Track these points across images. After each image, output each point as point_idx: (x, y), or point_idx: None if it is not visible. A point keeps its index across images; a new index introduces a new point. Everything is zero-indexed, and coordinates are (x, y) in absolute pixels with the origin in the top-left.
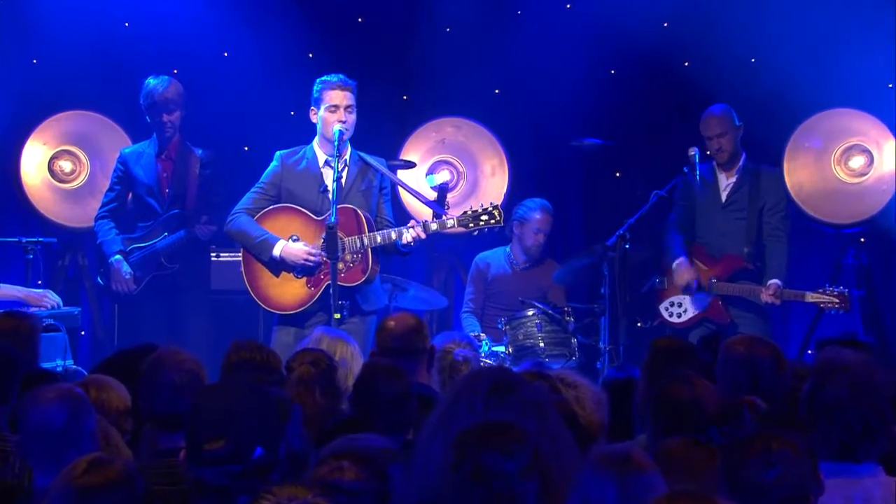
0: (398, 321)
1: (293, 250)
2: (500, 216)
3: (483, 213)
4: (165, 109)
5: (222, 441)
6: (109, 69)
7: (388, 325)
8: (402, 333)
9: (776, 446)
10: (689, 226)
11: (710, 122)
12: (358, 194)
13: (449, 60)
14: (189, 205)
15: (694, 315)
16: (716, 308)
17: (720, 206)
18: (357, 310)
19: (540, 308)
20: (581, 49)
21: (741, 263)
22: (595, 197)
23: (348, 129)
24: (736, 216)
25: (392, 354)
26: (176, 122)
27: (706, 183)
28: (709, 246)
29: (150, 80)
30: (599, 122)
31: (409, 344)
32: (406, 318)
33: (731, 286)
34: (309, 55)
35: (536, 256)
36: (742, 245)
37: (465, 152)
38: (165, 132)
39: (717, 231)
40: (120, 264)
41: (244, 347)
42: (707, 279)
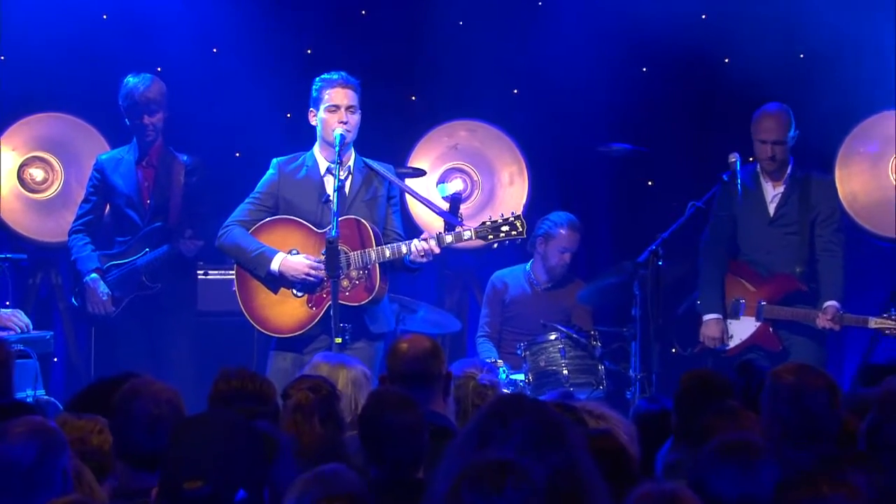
0: (411, 343)
1: (294, 264)
2: (523, 227)
3: (504, 223)
4: (146, 110)
5: (201, 481)
6: (86, 67)
7: (401, 347)
8: (415, 357)
9: (828, 490)
10: (729, 241)
11: (765, 124)
12: (362, 204)
13: (462, 57)
14: (173, 217)
15: (741, 342)
16: (765, 334)
17: (767, 219)
18: (364, 332)
19: (563, 332)
20: (609, 44)
21: (795, 284)
22: (625, 208)
23: (351, 132)
24: (786, 231)
25: (404, 381)
26: (158, 124)
27: (748, 192)
28: (755, 264)
29: (130, 79)
30: (630, 125)
31: (424, 369)
32: (420, 341)
33: (784, 310)
34: (307, 52)
35: (560, 277)
36: (794, 263)
37: (480, 159)
38: (147, 136)
39: (765, 248)
40: (96, 283)
41: (234, 375)
42: (755, 302)
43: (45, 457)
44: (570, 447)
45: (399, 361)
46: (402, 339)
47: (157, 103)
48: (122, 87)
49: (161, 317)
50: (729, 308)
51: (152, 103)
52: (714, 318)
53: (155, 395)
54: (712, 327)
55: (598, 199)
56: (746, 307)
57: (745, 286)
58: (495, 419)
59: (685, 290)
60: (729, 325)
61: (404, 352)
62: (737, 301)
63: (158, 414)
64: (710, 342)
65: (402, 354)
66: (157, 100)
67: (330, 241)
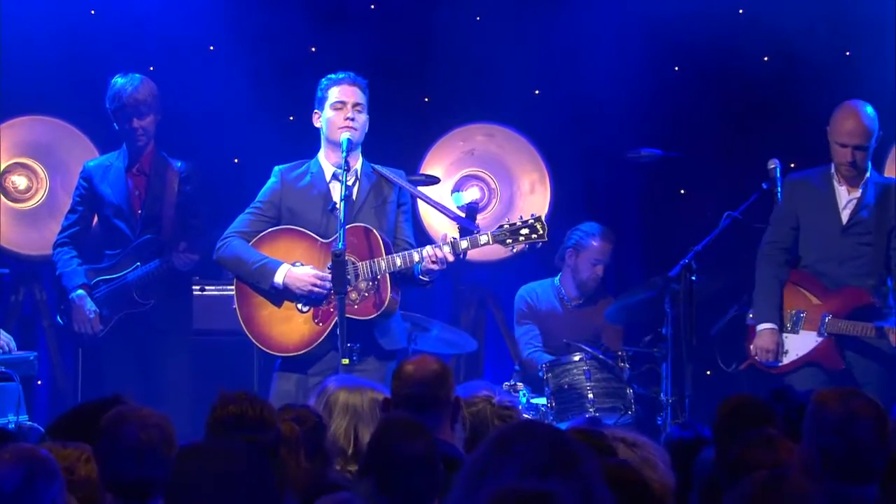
0: (418, 365)
1: (299, 275)
2: (543, 230)
3: (523, 226)
4: (135, 113)
5: None
6: (72, 66)
7: (406, 369)
8: (422, 380)
9: None
10: (791, 248)
11: (848, 125)
12: (371, 211)
13: (479, 55)
14: (166, 229)
15: (797, 357)
16: (827, 350)
17: (840, 227)
18: (374, 349)
19: (588, 352)
20: (639, 41)
21: (866, 299)
22: (655, 219)
23: (357, 131)
24: (860, 241)
25: (410, 405)
26: (149, 128)
27: (818, 196)
28: (822, 275)
29: (118, 79)
30: (661, 128)
31: (431, 393)
32: (428, 362)
33: (850, 324)
34: (311, 49)
35: (592, 292)
36: (866, 276)
37: (498, 165)
38: (137, 141)
39: (836, 258)
40: (82, 300)
41: (233, 400)
42: (818, 315)
43: (32, 484)
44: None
45: (404, 384)
46: (408, 361)
47: (147, 105)
48: (110, 89)
49: (153, 336)
50: (787, 320)
51: (142, 105)
52: (769, 328)
53: (143, 420)
54: (766, 338)
55: (627, 209)
56: (806, 320)
57: (807, 297)
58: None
59: (720, 308)
60: (784, 339)
61: (410, 374)
62: (796, 313)
63: (147, 441)
64: (762, 354)
65: (407, 377)
66: (147, 101)
67: (336, 254)
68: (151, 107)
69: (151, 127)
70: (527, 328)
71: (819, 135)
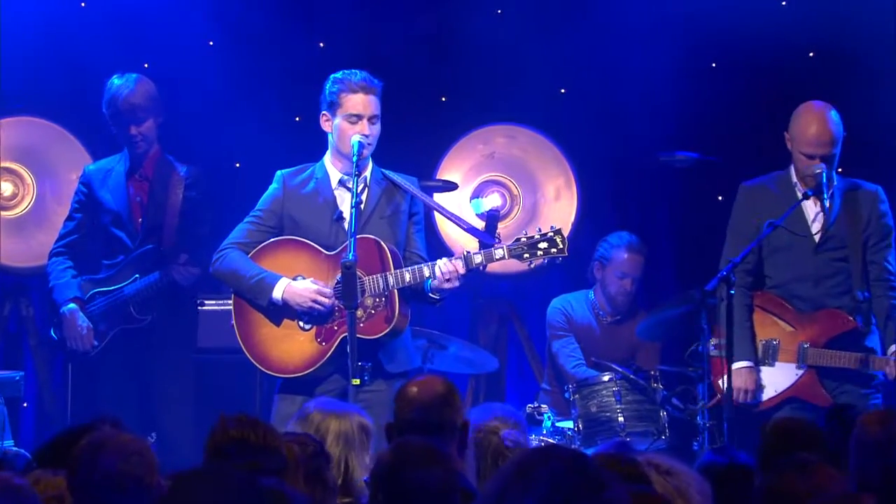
0: (422, 387)
1: (299, 290)
2: (563, 244)
3: (542, 239)
4: (132, 119)
5: None
6: (61, 63)
7: (409, 391)
8: (426, 404)
9: None
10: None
11: (813, 132)
12: (381, 222)
13: (500, 51)
14: (167, 238)
15: (777, 393)
16: (810, 384)
17: (811, 243)
18: (380, 371)
19: (619, 371)
20: (673, 35)
21: (846, 323)
22: (691, 227)
23: (372, 145)
24: (834, 256)
25: (413, 430)
26: (148, 133)
27: (781, 206)
28: (795, 298)
29: (115, 80)
30: (697, 130)
31: (435, 417)
32: (433, 384)
33: (832, 355)
34: (319, 45)
35: (625, 307)
36: (844, 295)
37: (521, 170)
38: (136, 147)
39: (810, 277)
40: (74, 315)
41: (234, 424)
42: (795, 344)
43: None
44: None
45: (407, 408)
46: (412, 382)
47: (144, 110)
48: (105, 92)
49: (152, 354)
50: (760, 352)
51: (139, 110)
52: (746, 366)
53: (122, 448)
54: (745, 378)
55: (660, 216)
56: (782, 350)
57: (778, 325)
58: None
59: None
60: (760, 374)
61: (413, 397)
62: (769, 343)
63: (126, 470)
64: (741, 395)
65: (410, 400)
66: (144, 105)
67: (347, 265)
68: (150, 110)
69: (151, 132)
70: (566, 340)
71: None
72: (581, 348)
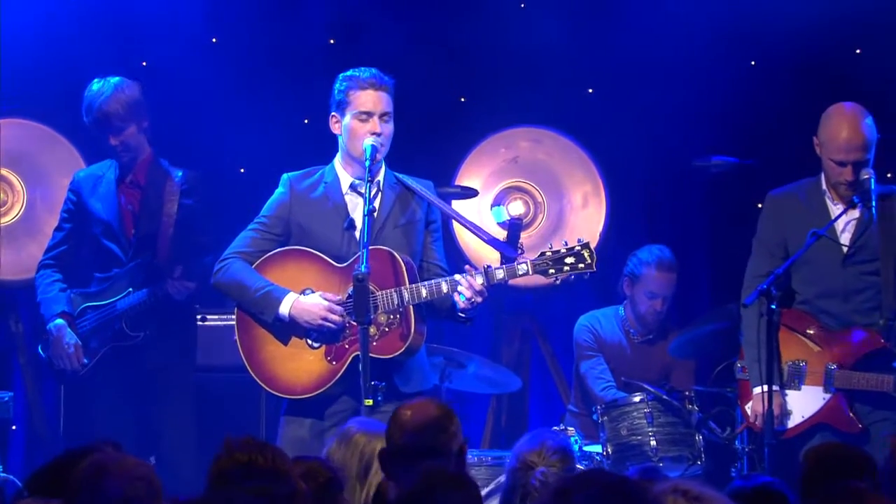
0: (416, 411)
1: (308, 306)
2: (592, 258)
3: (568, 254)
4: (109, 129)
5: None
6: (54, 62)
7: (403, 415)
8: (419, 428)
9: None
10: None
11: (844, 137)
12: (396, 231)
13: (523, 48)
14: (162, 250)
15: (804, 419)
16: (838, 410)
17: (840, 255)
18: (393, 393)
19: (651, 392)
20: (708, 31)
21: (877, 342)
22: (727, 237)
23: (385, 145)
24: (865, 270)
25: (406, 456)
26: (129, 141)
27: (810, 215)
28: (823, 314)
29: (92, 86)
30: (734, 133)
31: (427, 443)
32: (427, 407)
33: (862, 377)
34: (329, 42)
35: (656, 326)
36: (874, 312)
37: (545, 175)
38: (119, 157)
39: (839, 293)
40: (60, 331)
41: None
42: (821, 366)
43: None
44: None
45: (400, 433)
46: (405, 405)
47: (121, 118)
48: (84, 99)
49: (147, 373)
50: (785, 374)
51: (115, 119)
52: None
53: (126, 472)
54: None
55: (694, 226)
56: (809, 373)
57: (806, 344)
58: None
59: None
60: (786, 398)
61: (406, 421)
62: (796, 365)
63: (132, 496)
64: (762, 420)
65: (403, 424)
66: (120, 114)
67: (359, 278)
68: (128, 118)
69: (132, 139)
70: (595, 361)
71: None
72: (610, 368)
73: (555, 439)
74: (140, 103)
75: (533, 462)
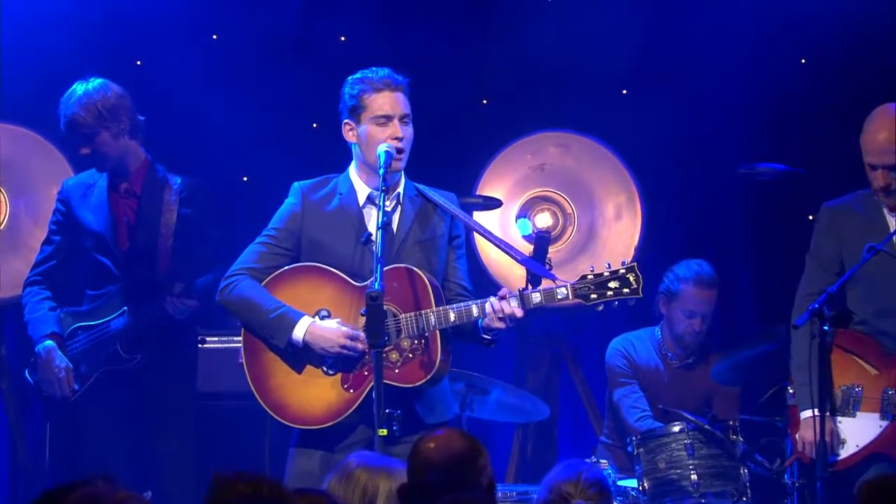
0: (440, 444)
1: (325, 332)
2: (638, 283)
3: (612, 277)
4: (78, 139)
5: None
6: (41, 61)
7: (425, 450)
8: (445, 464)
9: None
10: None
11: (886, 140)
12: (416, 247)
13: (551, 45)
14: (161, 264)
15: (859, 449)
16: (894, 437)
17: None
18: (416, 423)
19: (691, 421)
20: (754, 26)
21: None
22: (775, 252)
23: (405, 151)
24: None
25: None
26: (103, 149)
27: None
28: (882, 335)
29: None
30: (782, 137)
31: (454, 479)
32: (452, 440)
33: None
34: (340, 38)
35: (695, 348)
36: None
37: (575, 184)
38: (98, 167)
39: None
40: (50, 353)
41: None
42: (879, 391)
43: None
44: None
45: (423, 468)
46: (427, 438)
47: (89, 126)
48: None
49: (144, 400)
50: (839, 400)
51: (80, 126)
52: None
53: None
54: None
55: (739, 239)
56: (865, 399)
57: (862, 367)
58: None
59: None
60: (839, 425)
61: (429, 456)
62: (850, 389)
63: None
64: (811, 448)
65: (426, 460)
66: (88, 123)
67: (373, 296)
68: (97, 125)
69: (107, 148)
70: (629, 389)
71: None
72: (647, 396)
73: (591, 471)
74: (115, 108)
75: (569, 493)
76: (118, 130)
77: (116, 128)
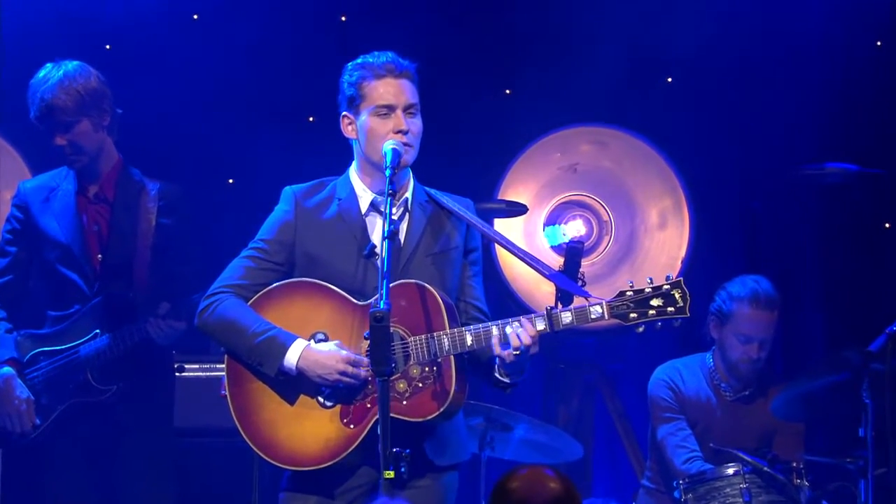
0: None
1: (320, 356)
2: (684, 301)
3: (655, 294)
4: (55, 127)
5: None
6: None
7: (513, 490)
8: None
9: None
10: None
11: None
12: (427, 261)
13: (583, 28)
14: (138, 280)
15: None
16: None
17: None
18: (425, 465)
19: (748, 463)
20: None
21: None
22: (846, 266)
23: (412, 146)
24: None
25: None
26: (80, 141)
27: None
28: None
29: (41, 71)
30: (854, 135)
31: None
32: (542, 480)
33: None
34: (341, 18)
35: (752, 378)
36: None
37: (613, 188)
38: (69, 163)
39: None
40: (9, 382)
41: None
42: None
43: None
44: None
45: None
46: (513, 476)
47: (69, 112)
48: (29, 87)
49: (117, 438)
50: None
51: (60, 112)
52: None
53: None
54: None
55: (803, 251)
56: None
57: None
58: None
59: None
60: None
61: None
62: None
63: None
64: None
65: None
66: (69, 109)
67: (378, 317)
68: (79, 111)
69: (84, 139)
70: (675, 425)
71: None
72: (696, 433)
73: None
74: (98, 95)
75: None
76: (99, 121)
77: (98, 117)
